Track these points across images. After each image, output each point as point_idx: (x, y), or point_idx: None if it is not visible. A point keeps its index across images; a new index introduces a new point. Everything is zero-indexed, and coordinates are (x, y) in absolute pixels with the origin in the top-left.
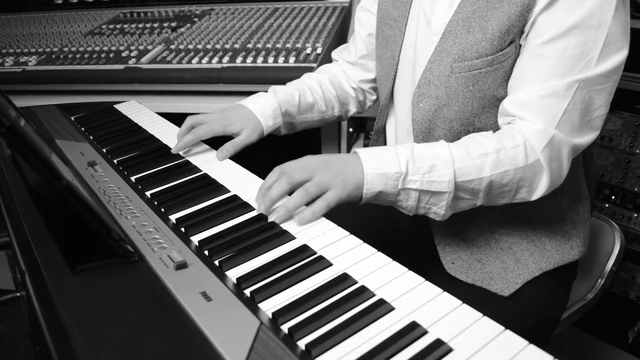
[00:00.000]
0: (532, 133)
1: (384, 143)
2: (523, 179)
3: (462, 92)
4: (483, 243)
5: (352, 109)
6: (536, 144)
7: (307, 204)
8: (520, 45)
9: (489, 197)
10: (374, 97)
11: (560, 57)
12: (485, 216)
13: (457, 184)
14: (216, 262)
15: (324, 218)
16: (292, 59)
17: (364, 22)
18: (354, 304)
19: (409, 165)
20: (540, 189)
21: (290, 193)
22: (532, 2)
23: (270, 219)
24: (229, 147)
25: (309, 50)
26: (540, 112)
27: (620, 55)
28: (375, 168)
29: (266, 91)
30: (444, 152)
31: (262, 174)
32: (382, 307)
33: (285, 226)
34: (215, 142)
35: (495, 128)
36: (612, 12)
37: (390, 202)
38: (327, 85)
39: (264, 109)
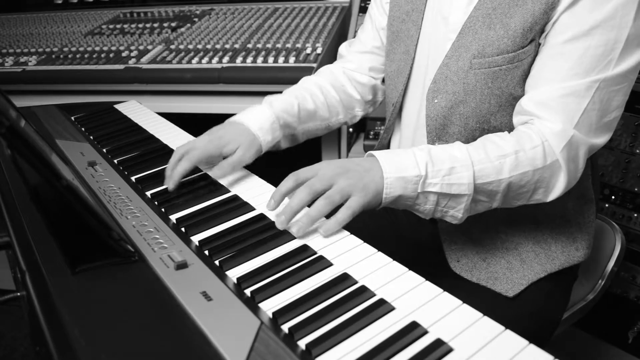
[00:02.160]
0: (552, 133)
1: (389, 141)
2: (541, 179)
3: (481, 89)
4: (489, 242)
5: (359, 113)
6: (555, 144)
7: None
8: (539, 44)
9: (506, 199)
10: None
11: (582, 57)
12: (492, 216)
13: (476, 186)
14: (216, 262)
15: (324, 218)
16: (292, 59)
17: (383, 12)
18: (354, 304)
19: (428, 168)
20: (557, 190)
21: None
22: (556, 1)
23: (292, 230)
24: (226, 165)
25: (309, 50)
26: (559, 112)
27: (638, 55)
28: (395, 172)
29: (266, 93)
30: (462, 154)
31: (261, 173)
32: (382, 307)
33: (269, 204)
34: None
35: (510, 128)
36: (633, 12)
37: (408, 206)
38: (329, 90)
39: (261, 123)
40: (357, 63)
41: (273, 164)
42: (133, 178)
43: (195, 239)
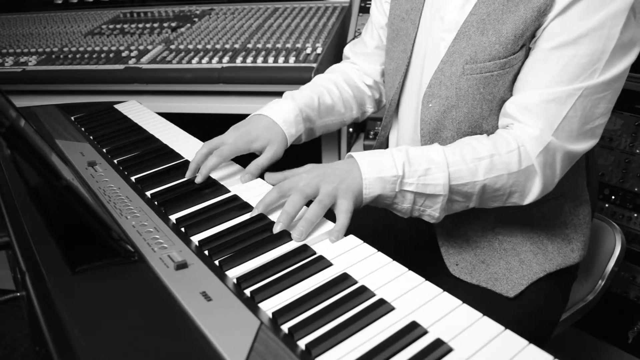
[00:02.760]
0: (529, 139)
1: (387, 139)
2: (515, 184)
3: (472, 94)
4: (486, 244)
5: (369, 109)
6: (531, 149)
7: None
8: (530, 49)
9: (482, 200)
10: None
11: (567, 64)
12: (488, 218)
13: (451, 187)
14: (216, 262)
15: (325, 219)
16: (292, 59)
17: (382, 11)
18: (354, 304)
19: (405, 168)
20: (532, 194)
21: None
22: (547, 8)
23: (293, 235)
24: (254, 169)
25: (309, 50)
26: (540, 117)
27: (623, 64)
28: (373, 172)
29: (266, 93)
30: (439, 156)
31: (261, 174)
32: (382, 307)
33: (255, 212)
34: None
35: None
36: (622, 24)
37: (387, 205)
38: (343, 85)
39: (286, 116)
40: (361, 64)
41: (273, 164)
42: (133, 178)
43: (195, 239)
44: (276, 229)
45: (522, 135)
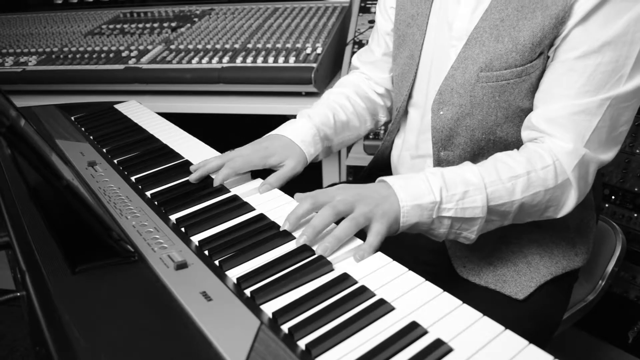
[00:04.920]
0: (563, 152)
1: (392, 143)
2: (552, 198)
3: (488, 102)
4: (493, 247)
5: (382, 118)
6: (567, 163)
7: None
8: (547, 57)
9: (518, 217)
10: None
11: (593, 73)
12: None
13: (489, 207)
14: (216, 262)
15: (354, 236)
16: (292, 59)
17: (387, 17)
18: (354, 304)
19: (442, 193)
20: (568, 207)
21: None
22: (566, 15)
23: (317, 250)
24: (273, 181)
25: (309, 50)
26: (570, 130)
27: None
28: (410, 199)
29: (266, 93)
30: (475, 177)
31: (262, 176)
32: (382, 307)
33: (284, 226)
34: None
35: (516, 138)
36: None
37: (423, 231)
38: (355, 99)
39: (304, 136)
40: (370, 73)
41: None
42: (133, 178)
43: (195, 239)
44: (299, 242)
45: (556, 149)
